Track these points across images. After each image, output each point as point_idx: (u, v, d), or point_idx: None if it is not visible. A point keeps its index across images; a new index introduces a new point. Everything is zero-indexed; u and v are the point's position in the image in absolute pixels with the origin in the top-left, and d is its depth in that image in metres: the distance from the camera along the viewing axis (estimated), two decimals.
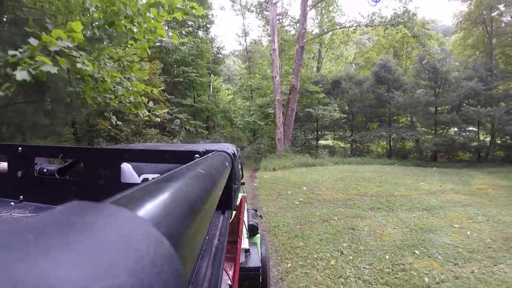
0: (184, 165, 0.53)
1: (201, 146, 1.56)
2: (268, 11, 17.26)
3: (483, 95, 14.04)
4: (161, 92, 8.19)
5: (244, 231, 1.80)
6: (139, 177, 1.38)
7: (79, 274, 0.12)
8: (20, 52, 2.89)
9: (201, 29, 15.72)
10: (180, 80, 12.24)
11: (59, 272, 0.12)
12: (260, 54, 21.27)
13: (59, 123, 4.50)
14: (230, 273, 0.97)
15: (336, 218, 4.92)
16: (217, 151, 1.07)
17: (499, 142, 14.78)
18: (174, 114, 9.51)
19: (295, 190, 7.04)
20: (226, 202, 0.99)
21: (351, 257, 3.50)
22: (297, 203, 5.90)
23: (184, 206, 0.29)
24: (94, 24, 3.39)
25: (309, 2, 15.05)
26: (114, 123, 5.78)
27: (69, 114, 4.50)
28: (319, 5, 17.83)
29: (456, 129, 14.64)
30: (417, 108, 15.26)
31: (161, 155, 1.06)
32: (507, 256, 3.74)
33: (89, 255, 0.13)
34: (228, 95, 22.79)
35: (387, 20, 13.19)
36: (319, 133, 17.53)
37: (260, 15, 21.50)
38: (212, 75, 17.31)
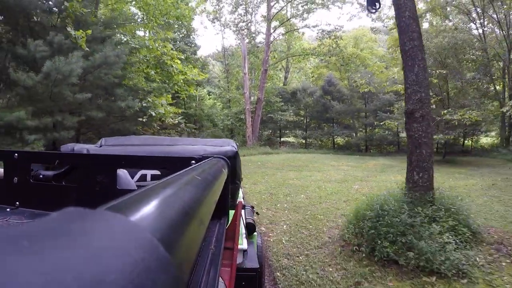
0: (181, 172, 0.55)
1: (205, 141, 1.87)
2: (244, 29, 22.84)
3: (397, 104, 20.26)
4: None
5: (242, 230, 1.82)
6: (137, 173, 1.46)
7: (74, 280, 0.12)
8: (144, 103, 8.41)
9: (191, 54, 21.17)
10: (179, 95, 17.77)
11: (54, 278, 0.12)
12: (236, 64, 26.71)
13: (137, 129, 9.94)
14: (227, 279, 0.99)
15: (268, 172, 10.62)
16: (214, 156, 1.10)
17: None
18: (178, 120, 14.96)
19: (253, 164, 12.70)
20: (223, 208, 1.02)
21: (267, 179, 9.19)
22: (252, 168, 11.56)
23: (180, 212, 0.30)
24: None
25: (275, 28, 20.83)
26: (156, 127, 11.26)
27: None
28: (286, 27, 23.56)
29: (377, 128, 20.89)
30: (355, 113, 21.41)
31: (157, 161, 1.10)
32: (331, 184, 9.37)
33: (84, 261, 0.14)
34: (209, 99, 28.09)
35: (323, 53, 19.14)
36: (282, 132, 23.38)
37: (237, 32, 26.92)
38: (198, 87, 22.77)
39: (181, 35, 21.33)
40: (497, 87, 19.89)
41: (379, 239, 3.13)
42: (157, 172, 1.58)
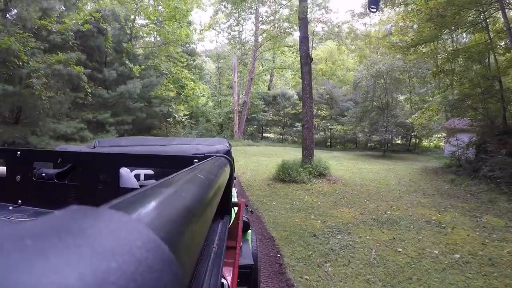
0: (183, 170, 0.56)
1: (198, 141, 1.97)
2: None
3: (352, 110, 25.93)
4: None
5: None
6: (131, 172, 1.47)
7: (77, 279, 0.13)
8: (170, 109, 13.72)
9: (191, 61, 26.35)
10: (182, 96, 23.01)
11: (57, 277, 0.12)
12: (228, 66, 31.86)
13: (160, 124, 15.24)
14: (229, 278, 1.00)
15: (247, 156, 16.04)
16: (216, 155, 1.12)
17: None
18: (184, 118, 20.16)
19: (238, 151, 18.05)
20: (225, 207, 1.04)
21: (246, 160, 14.62)
22: (237, 154, 16.93)
23: (183, 211, 0.31)
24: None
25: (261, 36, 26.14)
26: (171, 121, 16.51)
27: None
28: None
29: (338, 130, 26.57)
30: (321, 116, 27.00)
31: (160, 160, 1.11)
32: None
33: (87, 260, 0.14)
34: (202, 96, 33.21)
35: (297, 68, 24.58)
36: (263, 128, 28.86)
37: (230, 38, 31.96)
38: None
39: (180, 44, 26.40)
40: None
41: (281, 173, 8.61)
42: (150, 171, 1.62)
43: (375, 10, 6.57)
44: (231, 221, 1.22)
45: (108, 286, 0.13)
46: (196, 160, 0.96)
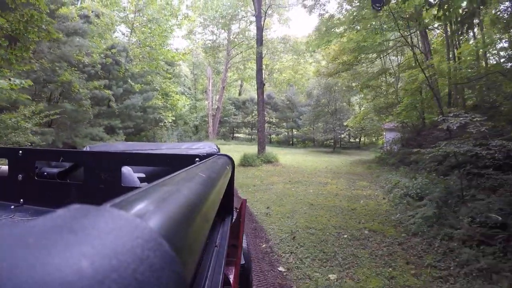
0: (185, 169, 0.58)
1: (187, 145, 2.14)
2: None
3: (306, 115, 31.64)
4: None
5: None
6: None
7: (79, 277, 0.13)
8: (161, 116, 18.71)
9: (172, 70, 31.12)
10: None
11: (59, 274, 0.13)
12: (202, 73, 36.80)
13: (151, 127, 20.17)
14: (231, 277, 1.01)
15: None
16: (218, 154, 1.17)
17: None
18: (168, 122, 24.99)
19: None
20: (227, 206, 1.09)
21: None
22: None
23: (184, 209, 0.32)
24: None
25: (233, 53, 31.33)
26: (161, 125, 21.46)
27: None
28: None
29: (298, 131, 32.29)
30: (284, 118, 32.61)
31: (162, 159, 1.16)
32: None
33: (89, 258, 0.14)
34: (178, 100, 37.91)
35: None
36: (234, 129, 34.14)
37: (205, 47, 36.73)
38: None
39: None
40: None
41: (243, 161, 13.92)
42: (142, 174, 1.73)
43: (379, 7, 6.93)
44: (233, 220, 1.26)
45: (109, 284, 0.14)
46: (197, 159, 1.02)
